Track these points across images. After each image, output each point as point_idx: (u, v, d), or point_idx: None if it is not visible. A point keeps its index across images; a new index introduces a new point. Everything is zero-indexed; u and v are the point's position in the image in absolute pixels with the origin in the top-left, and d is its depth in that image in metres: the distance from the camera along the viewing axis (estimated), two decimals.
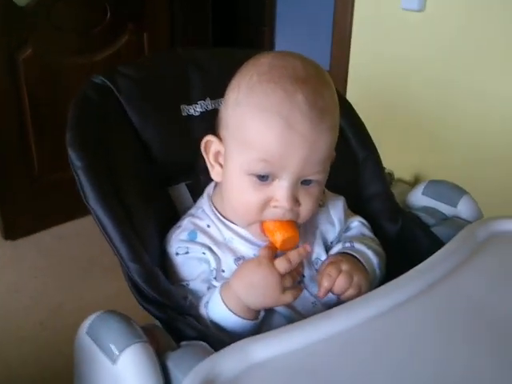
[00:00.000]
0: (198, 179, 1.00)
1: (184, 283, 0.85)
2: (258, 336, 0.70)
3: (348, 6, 2.06)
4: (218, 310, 0.78)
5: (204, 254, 0.85)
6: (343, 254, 0.89)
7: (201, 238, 0.86)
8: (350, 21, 2.07)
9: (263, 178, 0.78)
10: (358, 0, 2.07)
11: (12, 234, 2.28)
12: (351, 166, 1.09)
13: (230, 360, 0.67)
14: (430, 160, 2.02)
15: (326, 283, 0.83)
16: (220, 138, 0.84)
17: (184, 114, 0.97)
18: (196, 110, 0.98)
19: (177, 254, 0.86)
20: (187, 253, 0.85)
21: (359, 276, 0.85)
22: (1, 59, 2.10)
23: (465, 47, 1.87)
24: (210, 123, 0.98)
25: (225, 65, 0.95)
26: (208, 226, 0.87)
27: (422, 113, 2.01)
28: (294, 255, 0.77)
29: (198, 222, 0.88)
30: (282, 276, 0.76)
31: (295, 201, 0.79)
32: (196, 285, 0.84)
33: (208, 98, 0.99)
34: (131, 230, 0.82)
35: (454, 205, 1.05)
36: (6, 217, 2.26)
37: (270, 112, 0.75)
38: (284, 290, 0.76)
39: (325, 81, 0.79)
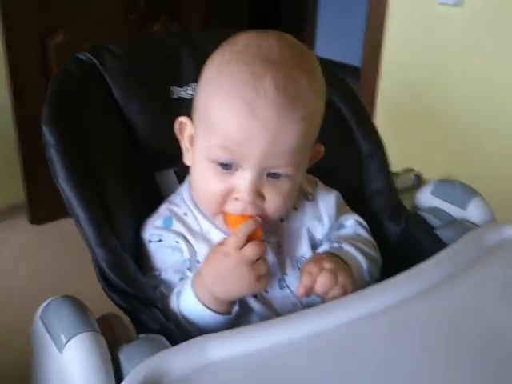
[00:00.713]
0: (187, 166, 0.94)
1: (156, 272, 0.80)
2: (218, 333, 0.65)
3: (382, 1, 1.98)
4: (189, 301, 0.74)
5: (177, 242, 0.80)
6: (328, 254, 0.82)
7: (176, 225, 0.82)
8: (383, 16, 1.98)
9: (226, 166, 0.72)
10: None
11: (37, 218, 2.30)
12: (354, 160, 1.01)
13: (182, 356, 0.61)
14: (462, 160, 1.93)
15: (305, 281, 0.76)
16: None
17: (174, 96, 0.93)
18: (187, 92, 0.93)
19: (150, 241, 0.81)
20: (160, 240, 0.81)
21: (344, 276, 0.77)
22: (33, 45, 2.12)
23: (503, 42, 1.77)
24: None
25: None
26: (185, 214, 0.83)
27: (459, 111, 1.92)
28: (244, 227, 0.71)
29: (174, 208, 0.84)
30: (254, 263, 0.70)
31: (258, 194, 0.73)
32: (168, 274, 0.79)
33: None
34: (102, 213, 0.78)
35: (464, 207, 0.96)
36: (32, 201, 2.28)
37: (233, 96, 0.69)
38: (258, 277, 0.71)
39: (304, 65, 0.73)
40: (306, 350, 0.65)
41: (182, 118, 0.80)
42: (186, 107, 0.92)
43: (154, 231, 0.82)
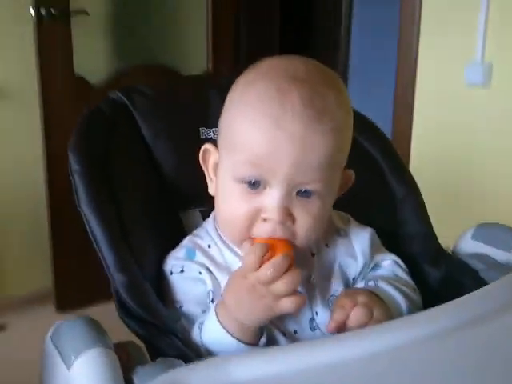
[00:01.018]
0: (213, 206, 0.92)
1: (177, 305, 0.75)
2: (242, 354, 0.59)
3: (409, 80, 2.02)
4: (213, 330, 0.69)
5: (200, 273, 0.76)
6: (363, 289, 0.77)
7: (199, 257, 0.78)
8: (412, 95, 2.01)
9: (253, 185, 0.69)
10: (420, 75, 2.03)
11: (63, 305, 2.26)
12: (388, 204, 0.97)
13: (203, 374, 0.55)
14: None
15: (337, 315, 0.71)
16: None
17: (202, 136, 0.92)
18: (216, 133, 0.92)
19: (171, 272, 0.77)
20: (182, 271, 0.77)
21: (380, 312, 0.71)
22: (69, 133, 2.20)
23: None
24: None
25: None
26: (209, 247, 0.79)
27: (486, 186, 1.88)
28: (278, 260, 0.65)
29: (198, 240, 0.80)
30: (269, 283, 0.65)
31: (287, 213, 0.68)
32: (190, 307, 0.74)
33: None
34: (123, 239, 0.75)
35: (509, 249, 0.90)
36: (58, 288, 2.26)
37: (258, 111, 0.67)
38: (277, 297, 0.65)
39: (329, 81, 0.71)
40: (337, 375, 0.58)
41: (207, 145, 0.78)
42: None
43: (175, 262, 0.78)
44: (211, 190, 0.78)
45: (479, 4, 1.85)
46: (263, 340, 0.69)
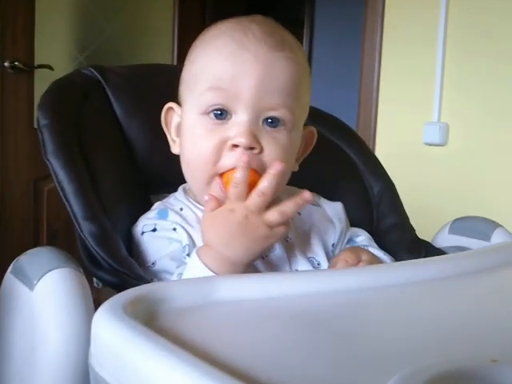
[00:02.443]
0: None
1: (149, 264, 0.69)
2: (229, 275, 0.55)
3: (369, 142, 2.07)
4: (197, 275, 0.62)
5: (175, 229, 0.71)
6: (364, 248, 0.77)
7: (172, 216, 0.74)
8: (372, 148, 2.06)
9: (220, 115, 0.67)
10: (379, 136, 2.09)
11: None
12: (365, 202, 0.96)
13: (187, 288, 0.50)
14: None
15: (340, 266, 0.69)
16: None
17: None
18: None
19: (142, 232, 0.73)
20: (155, 230, 0.73)
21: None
22: (26, 188, 2.13)
23: (485, 182, 1.83)
24: None
25: None
26: (181, 209, 0.76)
27: None
28: (264, 182, 0.63)
29: (169, 205, 0.77)
30: (261, 211, 0.62)
31: (255, 139, 0.66)
32: (164, 262, 0.69)
33: None
34: (92, 189, 0.71)
35: (487, 238, 0.88)
36: None
37: (221, 38, 0.68)
38: (271, 226, 0.63)
39: (287, 31, 0.73)
40: (329, 303, 0.53)
41: (169, 104, 0.77)
42: None
43: (147, 222, 0.74)
44: (175, 150, 0.77)
45: (434, 69, 1.96)
46: None
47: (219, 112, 0.67)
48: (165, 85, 0.91)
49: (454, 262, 0.66)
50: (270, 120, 0.68)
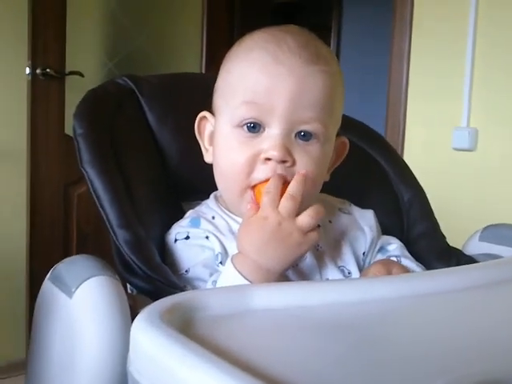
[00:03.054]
0: None
1: (182, 272, 0.70)
2: (264, 284, 0.56)
3: (398, 146, 2.06)
4: (232, 283, 0.63)
5: (207, 238, 0.72)
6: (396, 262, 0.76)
7: (205, 225, 0.75)
8: (401, 154, 2.05)
9: (253, 128, 0.68)
10: (408, 141, 2.08)
11: None
12: (395, 209, 0.95)
13: (223, 297, 0.51)
14: None
15: None
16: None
17: None
18: None
19: (175, 240, 0.74)
20: (188, 237, 0.73)
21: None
22: (56, 193, 2.17)
23: None
24: None
25: None
26: (213, 218, 0.77)
27: None
28: (292, 186, 0.65)
29: (201, 213, 0.78)
30: (294, 216, 0.63)
31: (288, 152, 0.67)
32: (197, 270, 0.70)
33: None
34: (127, 199, 0.72)
35: None
36: None
37: (256, 51, 0.69)
38: (304, 232, 0.64)
39: (321, 41, 0.74)
40: (362, 312, 0.53)
41: (202, 112, 0.77)
42: None
43: (180, 230, 0.75)
44: (208, 159, 0.78)
45: (464, 73, 1.94)
46: None
47: (252, 125, 0.68)
48: (195, 93, 0.93)
49: (484, 271, 0.65)
50: (302, 133, 0.68)
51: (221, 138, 0.72)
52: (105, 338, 0.49)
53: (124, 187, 0.73)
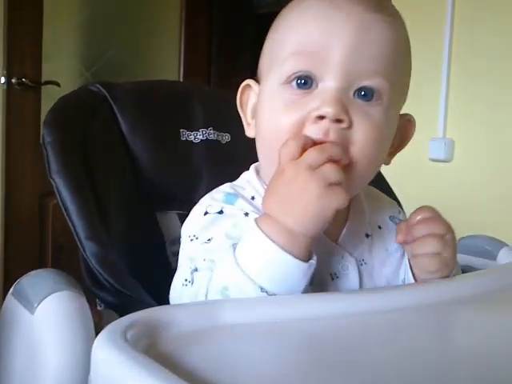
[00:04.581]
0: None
1: (204, 241, 0.60)
2: (233, 298, 0.53)
3: None
4: (255, 246, 0.53)
5: (247, 215, 0.61)
6: None
7: (241, 204, 0.62)
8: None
9: (303, 84, 0.57)
10: None
11: None
12: None
13: (188, 313, 0.49)
14: None
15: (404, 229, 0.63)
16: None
17: (183, 138, 0.89)
18: (197, 137, 0.90)
19: (206, 213, 0.62)
20: (221, 212, 0.61)
21: (451, 254, 0.62)
22: (32, 203, 2.13)
23: (490, 199, 1.82)
24: (211, 154, 0.90)
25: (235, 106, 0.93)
26: (252, 198, 0.64)
27: None
28: (324, 145, 0.54)
29: (239, 189, 0.65)
30: (314, 165, 0.53)
31: (344, 110, 0.56)
32: (218, 240, 0.59)
33: (211, 128, 0.91)
34: (96, 211, 0.69)
35: (493, 258, 0.87)
36: None
37: (309, 2, 0.59)
38: (326, 184, 0.52)
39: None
40: (332, 326, 0.52)
41: (247, 81, 0.66)
42: (194, 152, 0.89)
43: (213, 203, 0.63)
44: (250, 133, 0.67)
45: (440, 84, 1.95)
46: (313, 261, 0.54)
47: (303, 80, 0.57)
48: (169, 101, 0.92)
49: (454, 285, 0.64)
50: (363, 92, 0.57)
51: (264, 101, 0.61)
52: (67, 357, 0.47)
53: (93, 198, 0.72)
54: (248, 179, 0.67)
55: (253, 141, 0.81)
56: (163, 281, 0.78)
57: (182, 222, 0.86)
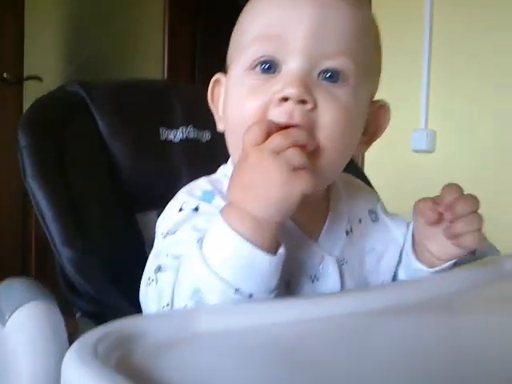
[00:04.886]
0: None
1: (169, 233, 0.59)
2: (209, 305, 0.52)
3: None
4: (218, 237, 0.51)
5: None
6: None
7: (218, 201, 0.60)
8: (362, 160, 2.05)
9: (267, 69, 0.56)
10: None
11: None
12: None
13: (163, 322, 0.48)
14: None
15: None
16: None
17: (162, 137, 0.88)
18: (176, 136, 0.89)
19: (181, 209, 0.60)
20: (197, 209, 0.59)
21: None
22: (14, 203, 2.11)
23: (472, 189, 1.83)
24: (191, 153, 0.89)
25: None
26: None
27: None
28: (288, 130, 0.52)
29: (217, 183, 0.63)
30: (278, 149, 0.51)
31: (308, 90, 0.54)
32: (184, 232, 0.57)
33: (191, 126, 0.90)
34: (71, 215, 0.68)
35: None
36: None
37: None
38: (292, 168, 0.50)
39: None
40: (303, 332, 0.51)
41: (216, 75, 0.66)
42: (173, 151, 0.88)
43: (188, 199, 0.61)
44: (220, 126, 0.66)
45: (421, 76, 1.96)
46: (281, 251, 0.51)
47: (267, 65, 0.56)
48: (149, 101, 0.91)
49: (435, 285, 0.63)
50: (328, 74, 0.56)
51: (230, 88, 0.60)
52: (38, 369, 0.46)
53: (69, 201, 0.71)
54: (225, 173, 0.66)
55: None
56: None
57: None
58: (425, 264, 0.66)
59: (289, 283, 0.58)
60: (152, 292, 0.55)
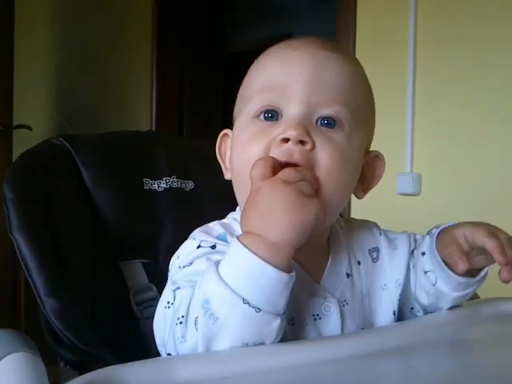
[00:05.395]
0: (156, 260, 0.88)
1: (186, 264, 0.62)
2: (191, 354, 0.53)
3: None
4: (236, 259, 0.54)
5: None
6: None
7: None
8: (349, 204, 2.08)
9: (270, 117, 0.63)
10: None
11: None
12: None
13: (143, 371, 0.49)
14: None
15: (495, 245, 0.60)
16: None
17: (146, 187, 0.90)
18: (160, 185, 0.91)
19: (199, 246, 0.63)
20: (214, 247, 0.62)
21: None
22: (3, 247, 2.11)
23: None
24: (175, 202, 0.91)
25: (197, 153, 0.96)
26: None
27: None
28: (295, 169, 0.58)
29: (228, 227, 0.67)
30: (290, 181, 0.56)
31: (307, 133, 0.60)
32: (200, 262, 0.60)
33: (174, 176, 0.93)
34: (56, 266, 0.70)
35: None
36: None
37: (272, 48, 0.67)
38: (305, 195, 0.55)
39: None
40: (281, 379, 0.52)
41: (224, 131, 0.73)
42: (157, 201, 0.91)
43: (206, 238, 0.64)
44: (227, 175, 0.71)
45: (405, 119, 2.01)
46: (293, 274, 0.55)
47: (269, 114, 0.63)
48: (134, 153, 0.93)
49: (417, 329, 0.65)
50: (326, 121, 0.62)
51: (236, 136, 0.66)
52: None
53: (54, 253, 0.72)
54: (235, 217, 0.70)
55: (218, 187, 0.83)
56: (127, 332, 0.78)
57: (147, 270, 0.88)
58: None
59: (293, 320, 0.61)
60: (170, 311, 0.58)
